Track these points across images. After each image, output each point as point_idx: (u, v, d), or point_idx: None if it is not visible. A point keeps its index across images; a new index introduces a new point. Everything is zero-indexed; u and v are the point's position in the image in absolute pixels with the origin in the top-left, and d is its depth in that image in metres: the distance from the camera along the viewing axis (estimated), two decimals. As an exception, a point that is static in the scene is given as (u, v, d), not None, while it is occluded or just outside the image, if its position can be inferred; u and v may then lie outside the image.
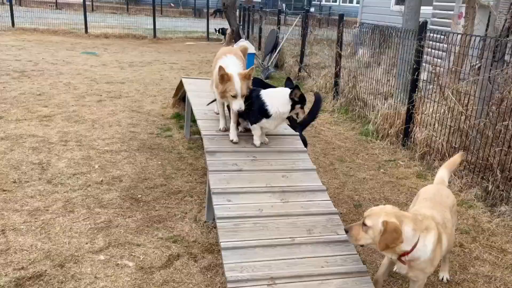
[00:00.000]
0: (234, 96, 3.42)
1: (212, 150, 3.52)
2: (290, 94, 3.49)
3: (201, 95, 5.08)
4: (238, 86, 3.39)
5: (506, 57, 5.13)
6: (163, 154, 5.52)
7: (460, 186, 4.88)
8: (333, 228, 2.97)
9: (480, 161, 4.85)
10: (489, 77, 4.77)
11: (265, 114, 3.51)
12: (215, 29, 18.74)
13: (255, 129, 3.64)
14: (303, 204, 3.12)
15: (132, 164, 5.14)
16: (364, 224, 2.48)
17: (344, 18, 8.31)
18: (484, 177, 4.78)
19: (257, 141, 3.66)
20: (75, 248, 3.40)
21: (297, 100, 3.49)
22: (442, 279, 3.30)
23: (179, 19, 25.86)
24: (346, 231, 2.55)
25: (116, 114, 7.04)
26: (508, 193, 4.45)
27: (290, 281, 2.53)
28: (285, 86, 3.70)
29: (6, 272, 3.06)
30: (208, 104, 4.57)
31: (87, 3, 18.34)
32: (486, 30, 7.14)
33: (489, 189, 4.61)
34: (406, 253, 2.46)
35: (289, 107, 3.50)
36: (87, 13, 18.29)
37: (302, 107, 3.62)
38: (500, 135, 4.68)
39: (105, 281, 3.04)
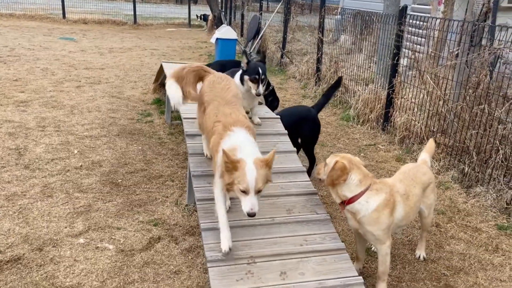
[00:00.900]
0: (245, 192, 2.38)
1: (192, 133, 3.51)
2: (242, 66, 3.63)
3: (181, 79, 5.03)
4: (253, 178, 2.35)
5: (483, 41, 5.21)
6: (144, 139, 5.48)
7: (438, 169, 4.97)
8: (312, 207, 3.00)
9: (457, 144, 4.95)
10: (466, 61, 4.84)
11: None
12: (197, 15, 18.54)
13: None
14: (283, 185, 3.14)
15: (112, 149, 5.09)
16: (325, 163, 2.80)
17: (326, 4, 8.30)
18: (461, 160, 4.88)
19: None
20: (53, 232, 3.37)
21: (245, 70, 3.60)
22: (419, 257, 3.38)
23: (160, 5, 25.46)
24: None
25: (95, 100, 6.93)
26: (484, 174, 4.55)
27: (269, 260, 2.55)
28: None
29: (-17, 256, 3.02)
30: None
31: (64, -13, 17.87)
32: (465, 15, 7.22)
33: (466, 171, 4.71)
34: (347, 201, 2.68)
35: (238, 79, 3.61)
36: (65, -2, 17.88)
37: (253, 79, 3.72)
38: (476, 118, 4.77)
39: (85, 263, 3.02)
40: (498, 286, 3.12)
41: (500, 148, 4.45)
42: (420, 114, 5.55)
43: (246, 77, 3.79)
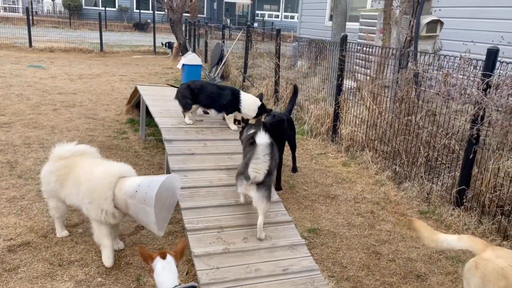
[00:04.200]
0: None
1: (169, 139, 4.28)
2: None
3: (155, 98, 5.82)
4: None
5: (410, 64, 6.30)
6: (121, 153, 6.16)
7: (376, 170, 5.91)
8: (268, 193, 3.82)
9: (391, 149, 5.93)
10: (394, 80, 5.87)
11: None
12: (162, 43, 19.37)
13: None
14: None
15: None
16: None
17: (281, 32, 9.34)
18: (394, 162, 5.86)
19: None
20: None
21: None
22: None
23: (124, 33, 26.17)
24: None
25: (73, 121, 7.55)
26: (411, 172, 5.53)
27: (235, 229, 3.33)
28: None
29: (-3, 243, 3.63)
30: None
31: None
32: (393, 43, 8.39)
33: (397, 170, 5.67)
34: None
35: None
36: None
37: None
38: (406, 127, 5.77)
39: (85, 245, 3.69)
40: (413, 251, 4.00)
41: (423, 151, 5.45)
42: (361, 126, 6.54)
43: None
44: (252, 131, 3.94)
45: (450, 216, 4.63)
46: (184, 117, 5.07)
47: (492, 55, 4.26)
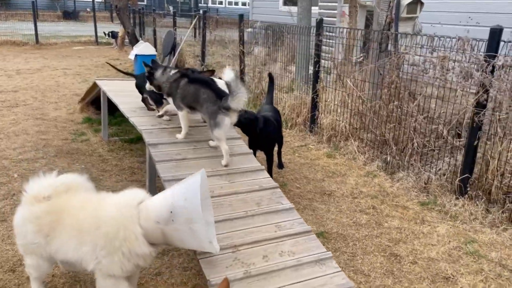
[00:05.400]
0: None
1: (153, 142, 3.69)
2: None
3: (122, 94, 5.13)
4: None
5: (390, 47, 6.03)
6: (85, 158, 5.43)
7: (364, 161, 5.62)
8: (277, 199, 3.36)
9: (378, 138, 5.66)
10: (381, 65, 5.57)
11: None
12: (105, 33, 18.11)
13: None
14: (248, 182, 3.46)
15: (53, 170, 4.98)
16: None
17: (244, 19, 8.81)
18: (383, 151, 5.59)
19: None
20: (20, 254, 3.31)
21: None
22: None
23: (59, 23, 24.37)
24: None
25: (19, 123, 6.64)
26: (403, 162, 5.28)
27: (251, 246, 2.85)
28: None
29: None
30: None
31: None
32: (365, 25, 8.14)
33: (388, 160, 5.41)
34: None
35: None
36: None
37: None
38: (393, 114, 5.51)
39: (65, 277, 3.05)
40: (431, 249, 3.73)
41: (414, 138, 5.21)
42: (343, 114, 6.21)
43: None
44: (173, 72, 4.07)
45: (454, 206, 4.42)
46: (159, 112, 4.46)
47: (496, 35, 4.03)
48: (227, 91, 4.19)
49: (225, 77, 3.53)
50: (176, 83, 3.96)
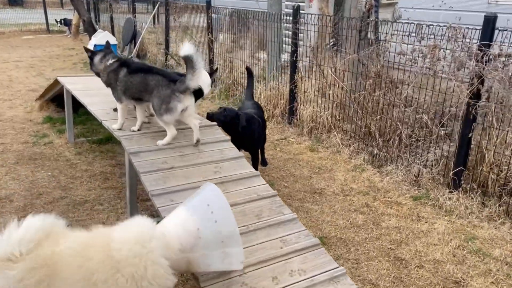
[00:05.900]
0: None
1: (135, 151, 3.29)
2: None
3: (90, 93, 4.65)
4: None
5: (369, 35, 5.81)
6: (50, 164, 4.93)
7: (349, 154, 5.43)
8: (278, 209, 3.08)
9: (362, 129, 5.47)
10: (365, 54, 5.35)
11: None
12: (56, 20, 17.03)
13: None
14: (244, 191, 3.15)
15: (16, 180, 4.49)
16: None
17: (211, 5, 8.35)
18: (368, 143, 5.41)
19: None
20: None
21: None
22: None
23: (5, 10, 22.73)
24: None
25: (-30, 126, 5.99)
26: (390, 154, 5.12)
27: (258, 267, 2.56)
28: None
29: None
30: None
31: None
32: (335, 12, 7.90)
33: (374, 152, 5.23)
34: None
35: None
36: None
37: None
38: (378, 105, 5.32)
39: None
40: (434, 250, 3.58)
41: (399, 129, 5.05)
42: (324, 106, 5.98)
43: None
44: (111, 61, 3.70)
45: (448, 200, 4.30)
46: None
47: (491, 22, 3.87)
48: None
49: (183, 51, 3.18)
50: (115, 73, 3.65)
